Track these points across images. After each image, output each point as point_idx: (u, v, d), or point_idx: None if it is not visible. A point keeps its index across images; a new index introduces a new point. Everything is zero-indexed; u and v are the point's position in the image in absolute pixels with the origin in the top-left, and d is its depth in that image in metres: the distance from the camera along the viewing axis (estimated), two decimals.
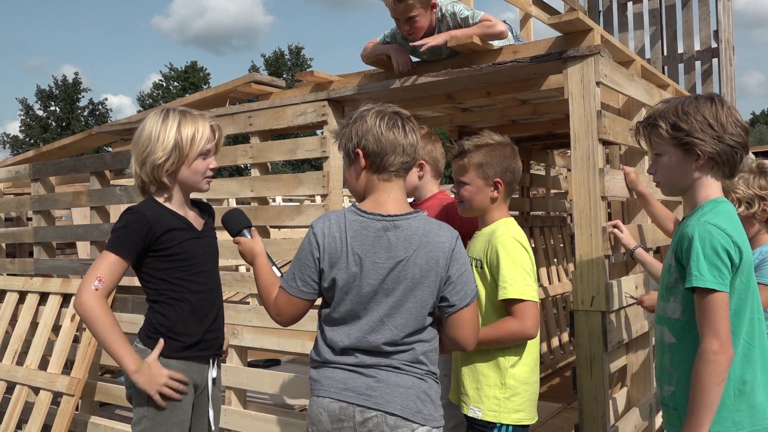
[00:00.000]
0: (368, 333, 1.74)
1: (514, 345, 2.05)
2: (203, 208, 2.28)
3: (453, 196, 2.30)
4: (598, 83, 2.48)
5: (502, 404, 2.03)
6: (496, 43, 2.95)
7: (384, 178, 1.80)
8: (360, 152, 1.79)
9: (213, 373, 2.17)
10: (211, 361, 2.16)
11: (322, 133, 3.31)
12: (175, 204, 2.13)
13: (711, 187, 1.78)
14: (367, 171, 1.81)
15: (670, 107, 1.79)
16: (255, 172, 3.42)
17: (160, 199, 2.12)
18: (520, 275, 2.01)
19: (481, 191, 2.15)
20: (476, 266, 2.12)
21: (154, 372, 2.01)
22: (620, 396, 2.88)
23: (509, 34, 3.18)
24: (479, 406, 2.05)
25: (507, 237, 2.07)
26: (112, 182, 4.22)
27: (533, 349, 2.10)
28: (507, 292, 2.01)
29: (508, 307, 2.03)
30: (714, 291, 1.63)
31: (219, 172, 3.83)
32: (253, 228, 2.11)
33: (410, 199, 2.42)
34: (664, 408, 1.86)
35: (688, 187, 1.81)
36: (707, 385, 1.62)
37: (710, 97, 1.79)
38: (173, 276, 2.08)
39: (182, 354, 2.08)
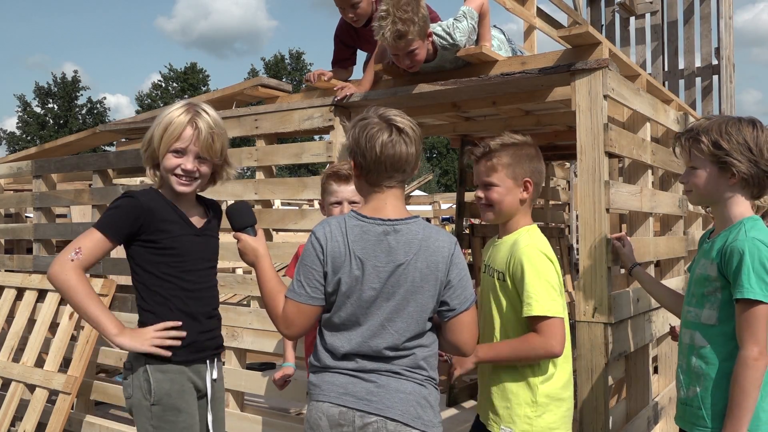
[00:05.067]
0: (369, 338, 1.74)
1: (543, 361, 1.97)
2: (210, 207, 2.17)
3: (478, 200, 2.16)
4: (605, 96, 2.50)
5: (535, 423, 1.94)
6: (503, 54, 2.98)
7: (376, 189, 1.80)
8: (353, 163, 1.81)
9: (213, 374, 2.08)
10: (208, 362, 2.06)
11: (324, 137, 3.33)
12: (171, 197, 2.04)
13: (743, 205, 1.93)
14: (360, 180, 1.83)
15: (714, 125, 1.91)
16: (260, 175, 3.43)
17: (160, 190, 2.06)
18: (545, 290, 1.91)
19: (511, 192, 2.04)
20: (498, 278, 2.03)
21: (139, 331, 1.92)
22: (619, 408, 2.89)
23: (508, 44, 3.21)
24: (511, 426, 1.96)
25: (531, 248, 1.96)
26: (114, 181, 4.22)
27: (566, 363, 2.01)
28: (532, 308, 1.91)
29: (532, 324, 1.93)
30: (760, 303, 1.76)
31: None
32: (258, 227, 1.97)
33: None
34: (686, 408, 1.95)
35: (718, 202, 1.95)
36: (748, 389, 1.75)
37: (752, 120, 1.93)
38: (163, 271, 1.98)
39: (178, 356, 1.97)
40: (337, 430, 1.72)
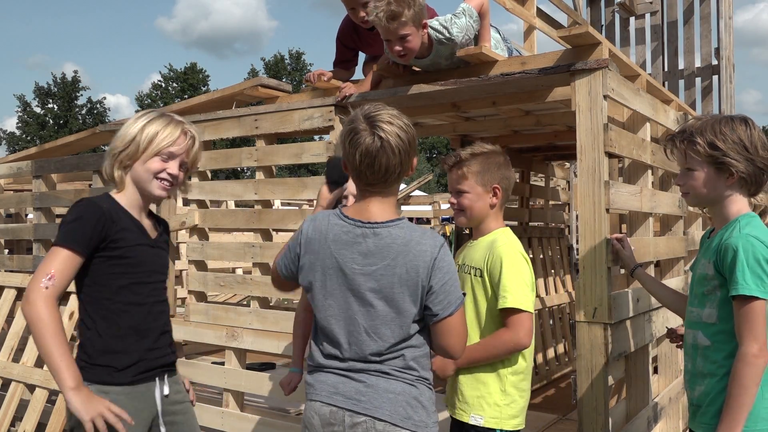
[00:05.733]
0: (354, 344, 1.74)
1: (514, 353, 2.10)
2: (159, 222, 2.12)
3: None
4: (605, 96, 2.50)
5: (503, 411, 2.09)
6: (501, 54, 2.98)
7: (360, 190, 1.81)
8: (343, 163, 1.84)
9: (165, 389, 1.96)
10: (158, 379, 1.95)
11: (324, 137, 3.33)
12: (130, 205, 1.97)
13: (740, 203, 1.93)
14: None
15: (707, 125, 1.91)
16: (260, 175, 3.43)
17: (116, 197, 1.97)
18: (519, 286, 2.05)
19: (481, 198, 2.19)
20: (475, 275, 2.15)
21: (94, 398, 1.74)
22: (619, 408, 2.89)
23: (503, 42, 3.20)
24: (481, 413, 2.08)
25: (509, 247, 2.12)
26: None
27: (529, 357, 2.16)
28: (506, 301, 2.04)
29: (504, 317, 2.07)
30: (757, 299, 1.76)
31: (216, 174, 3.85)
32: (341, 187, 2.15)
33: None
34: (695, 408, 1.95)
35: (716, 202, 1.95)
36: (747, 385, 1.75)
37: (744, 119, 1.93)
38: (117, 283, 1.88)
39: (121, 377, 1.85)
40: (328, 428, 1.74)
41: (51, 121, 43.77)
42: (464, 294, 1.81)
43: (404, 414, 1.71)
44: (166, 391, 1.97)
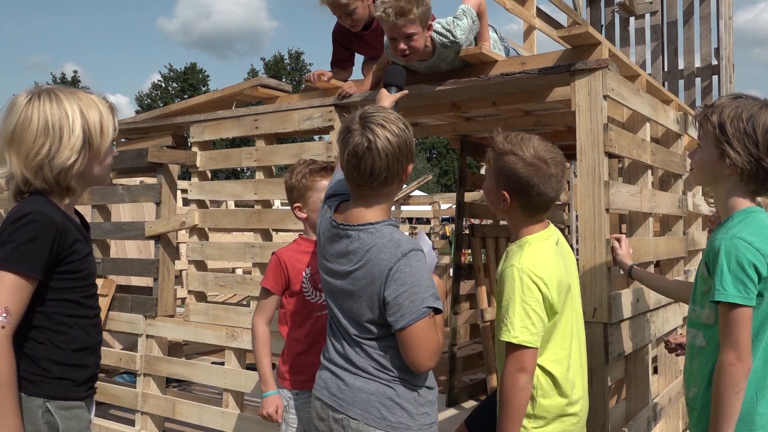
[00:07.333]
0: (336, 340, 1.83)
1: (542, 374, 1.88)
2: (79, 215, 1.87)
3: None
4: (605, 97, 2.50)
5: None
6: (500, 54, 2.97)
7: (351, 191, 1.83)
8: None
9: (92, 413, 1.80)
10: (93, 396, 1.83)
11: (324, 138, 3.33)
12: (69, 207, 1.75)
13: (741, 197, 1.80)
14: None
15: (731, 106, 1.76)
16: (260, 175, 3.43)
17: (56, 201, 1.70)
18: (517, 314, 1.79)
19: (495, 194, 1.96)
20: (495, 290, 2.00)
21: None
22: (618, 408, 2.89)
23: (500, 42, 3.19)
24: None
25: (515, 269, 1.83)
26: (114, 181, 4.22)
27: (568, 376, 1.90)
28: (502, 334, 1.82)
29: (506, 349, 1.83)
30: (737, 305, 1.67)
31: (215, 174, 3.84)
32: (401, 90, 2.40)
33: None
34: (689, 409, 1.92)
35: (717, 188, 1.86)
36: (725, 395, 1.67)
37: None
38: (68, 297, 1.69)
39: (80, 391, 1.70)
40: (318, 422, 1.83)
41: None
42: (431, 308, 1.70)
43: (378, 414, 1.72)
44: (92, 414, 1.82)
